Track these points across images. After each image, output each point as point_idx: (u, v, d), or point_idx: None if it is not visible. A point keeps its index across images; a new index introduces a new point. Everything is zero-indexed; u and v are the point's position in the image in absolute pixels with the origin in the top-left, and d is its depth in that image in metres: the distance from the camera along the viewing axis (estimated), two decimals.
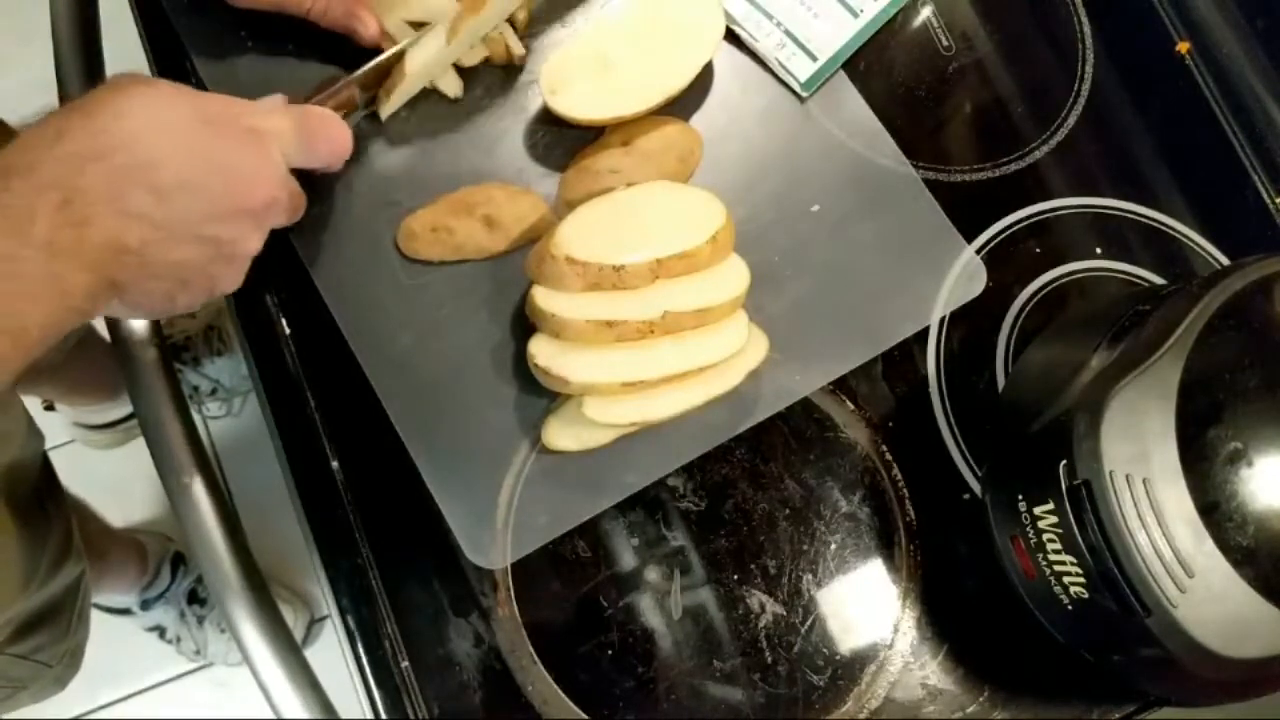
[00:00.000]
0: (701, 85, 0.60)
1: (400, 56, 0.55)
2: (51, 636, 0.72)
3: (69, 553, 0.71)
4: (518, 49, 0.57)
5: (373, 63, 0.54)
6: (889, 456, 0.56)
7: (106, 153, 0.39)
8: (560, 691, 0.51)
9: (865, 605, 0.54)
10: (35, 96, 0.57)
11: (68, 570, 0.71)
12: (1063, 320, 0.58)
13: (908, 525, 0.55)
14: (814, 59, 0.60)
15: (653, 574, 0.53)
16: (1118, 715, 0.53)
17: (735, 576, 0.54)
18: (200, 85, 0.57)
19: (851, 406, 0.57)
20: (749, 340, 0.52)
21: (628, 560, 0.53)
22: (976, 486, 0.56)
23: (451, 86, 0.57)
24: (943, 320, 0.58)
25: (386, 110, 0.56)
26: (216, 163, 0.42)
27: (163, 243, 0.41)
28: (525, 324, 0.54)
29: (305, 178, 0.51)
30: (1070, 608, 0.45)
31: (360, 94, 0.55)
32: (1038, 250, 0.60)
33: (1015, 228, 0.61)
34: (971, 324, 0.58)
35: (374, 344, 0.54)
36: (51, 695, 0.78)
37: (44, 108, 0.42)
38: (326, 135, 0.48)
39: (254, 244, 0.46)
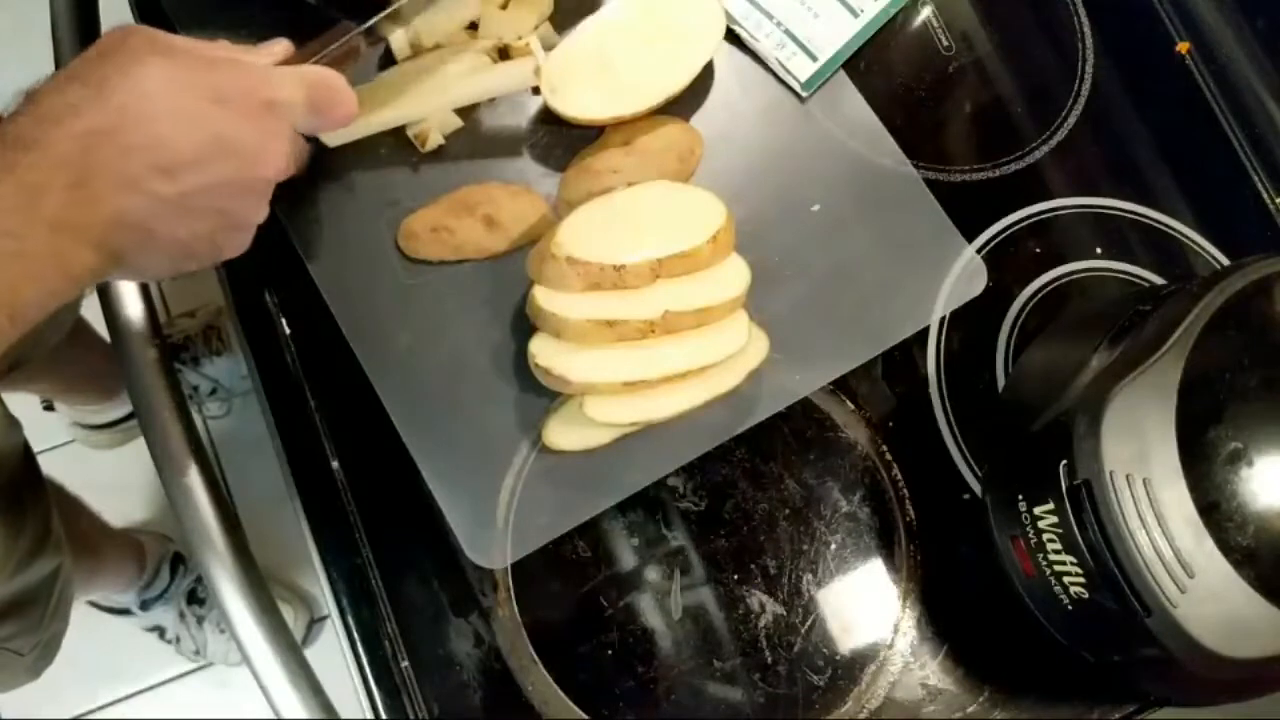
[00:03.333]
0: (702, 85, 0.60)
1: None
2: (24, 626, 0.72)
3: (46, 544, 0.71)
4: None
5: (383, 14, 0.53)
6: (889, 456, 0.56)
7: (119, 131, 0.39)
8: (560, 691, 0.51)
9: (865, 605, 0.54)
10: None
11: (44, 562, 0.71)
12: (1063, 320, 0.58)
13: (908, 525, 0.55)
14: (814, 59, 0.60)
15: (653, 574, 0.53)
16: (1118, 715, 0.53)
17: (735, 576, 0.54)
18: None
19: (851, 406, 0.57)
20: (749, 340, 0.52)
21: (628, 560, 0.53)
22: (976, 486, 0.56)
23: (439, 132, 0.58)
24: (943, 320, 0.58)
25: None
26: (228, 141, 0.42)
27: (170, 219, 0.41)
28: (526, 324, 0.53)
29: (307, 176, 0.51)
30: (1070, 608, 0.44)
31: (366, 43, 0.53)
32: (1038, 250, 0.60)
33: (1015, 228, 0.61)
34: (971, 324, 0.58)
35: (374, 344, 0.54)
36: (23, 684, 0.78)
37: None
38: (337, 101, 0.48)
39: (261, 213, 0.46)
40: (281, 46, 0.49)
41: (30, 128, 0.38)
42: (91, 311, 0.91)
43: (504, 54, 0.57)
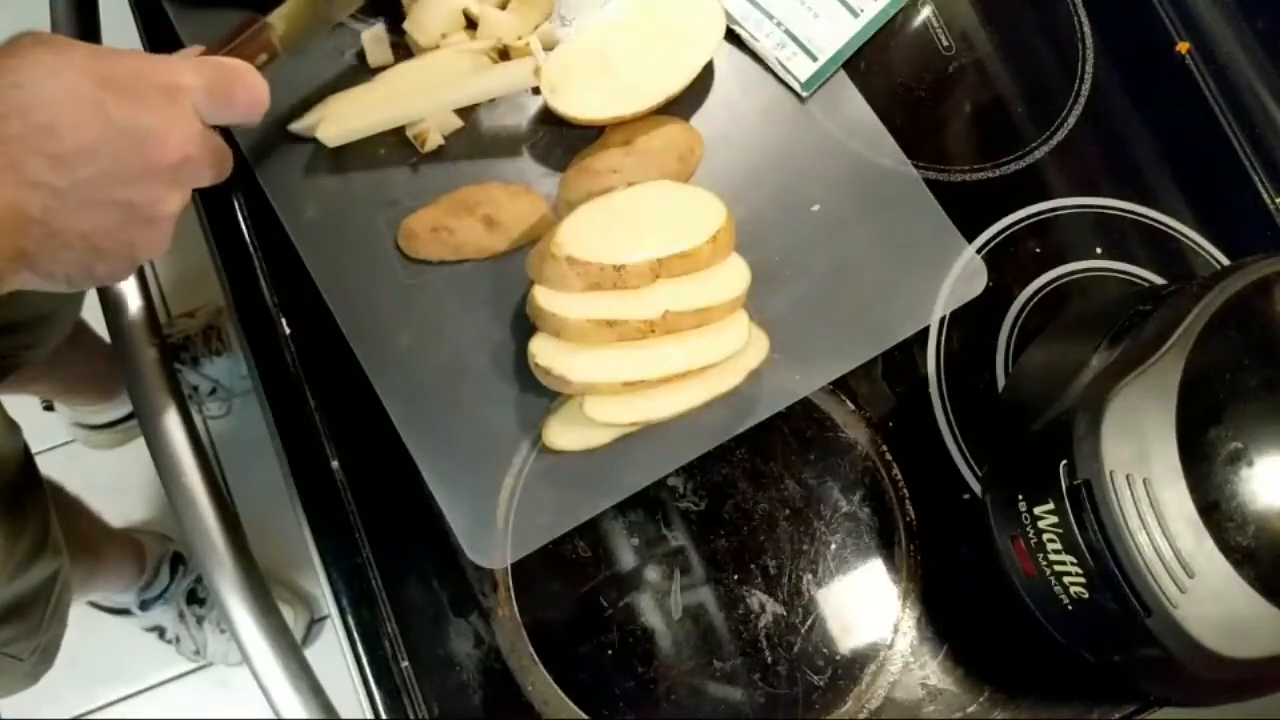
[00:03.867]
0: (702, 85, 0.60)
1: None
2: (23, 631, 0.72)
3: (45, 548, 0.71)
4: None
5: (288, 3, 0.50)
6: (889, 456, 0.56)
7: (3, 120, 0.37)
8: (560, 691, 0.51)
9: (865, 605, 0.54)
10: None
11: (43, 566, 0.71)
12: (1063, 320, 0.58)
13: (908, 525, 0.55)
14: (814, 59, 0.60)
15: (653, 574, 0.53)
16: (1118, 715, 0.53)
17: (735, 576, 0.54)
18: None
19: (851, 406, 0.57)
20: (749, 340, 0.52)
21: (628, 560, 0.53)
22: (976, 486, 0.56)
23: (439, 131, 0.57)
24: (943, 320, 0.58)
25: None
26: (119, 124, 0.40)
27: (68, 210, 0.39)
28: (526, 324, 0.53)
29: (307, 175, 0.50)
30: (1070, 608, 0.44)
31: (280, 36, 0.50)
32: (1038, 250, 0.60)
33: (1015, 228, 0.61)
34: (971, 324, 0.58)
35: (374, 344, 0.54)
36: (22, 689, 0.78)
37: None
38: (242, 87, 0.45)
39: (172, 204, 0.44)
40: (192, 49, 0.47)
41: None
42: (91, 312, 0.92)
43: (504, 54, 0.57)
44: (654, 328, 0.50)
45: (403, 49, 0.58)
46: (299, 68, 0.58)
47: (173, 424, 0.52)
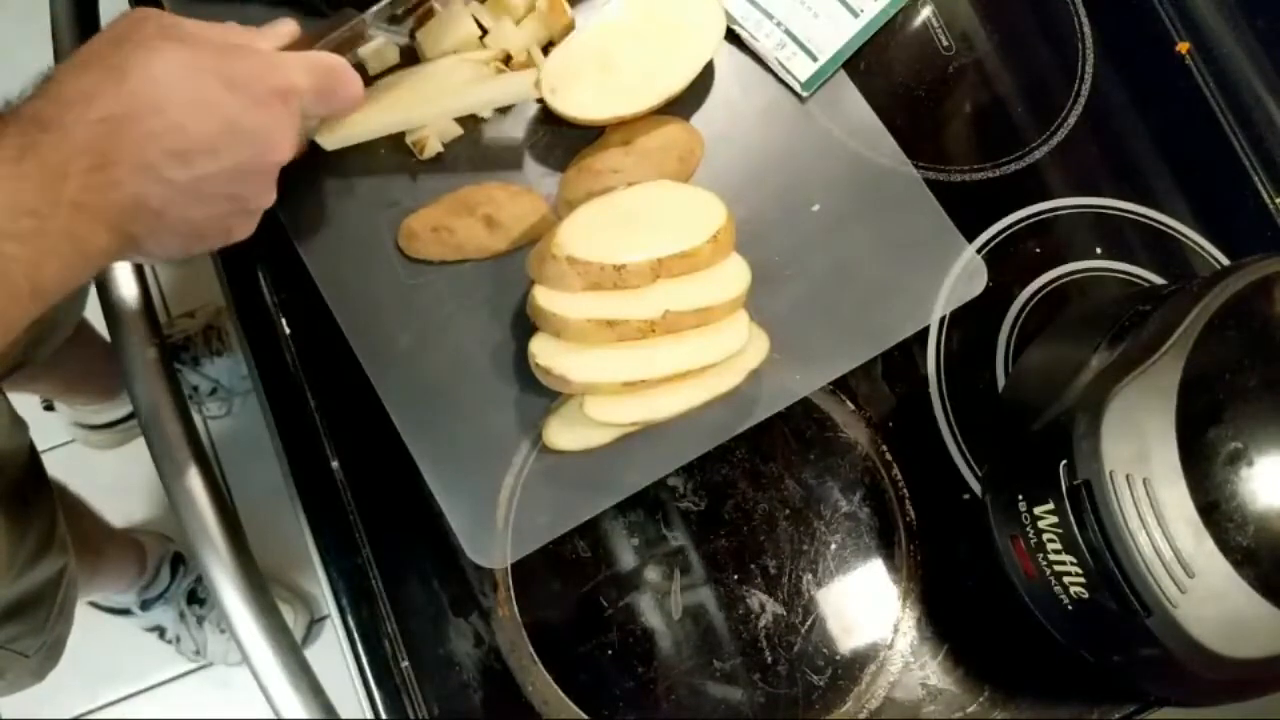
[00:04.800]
0: (702, 85, 0.60)
1: None
2: (29, 627, 0.72)
3: (51, 546, 0.71)
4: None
5: (383, 2, 0.53)
6: (889, 456, 0.56)
7: (136, 117, 0.40)
8: (560, 691, 0.51)
9: (865, 605, 0.54)
10: None
11: (49, 563, 0.71)
12: (1063, 320, 0.58)
13: (908, 525, 0.55)
14: (814, 59, 0.60)
15: (653, 574, 0.53)
16: (1118, 715, 0.53)
17: (735, 576, 0.54)
18: None
19: (851, 406, 0.57)
20: (750, 340, 0.52)
21: (628, 560, 0.53)
22: (976, 486, 0.56)
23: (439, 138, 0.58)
24: (943, 320, 0.58)
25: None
26: (241, 127, 0.43)
27: (184, 202, 0.42)
28: (526, 323, 0.53)
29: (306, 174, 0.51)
30: (1070, 608, 0.44)
31: (369, 30, 0.53)
32: (1038, 250, 0.60)
33: (1015, 228, 0.61)
34: (971, 324, 0.58)
35: (375, 344, 0.54)
36: (28, 686, 0.78)
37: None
38: (343, 85, 0.49)
39: (270, 197, 0.47)
40: (288, 28, 0.50)
41: (49, 109, 0.39)
42: (92, 312, 0.92)
43: (506, 63, 0.58)
44: (654, 327, 0.50)
45: (407, 55, 0.58)
46: None
47: (173, 424, 0.52)
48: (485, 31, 0.58)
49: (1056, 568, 0.44)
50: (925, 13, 0.65)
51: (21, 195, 0.37)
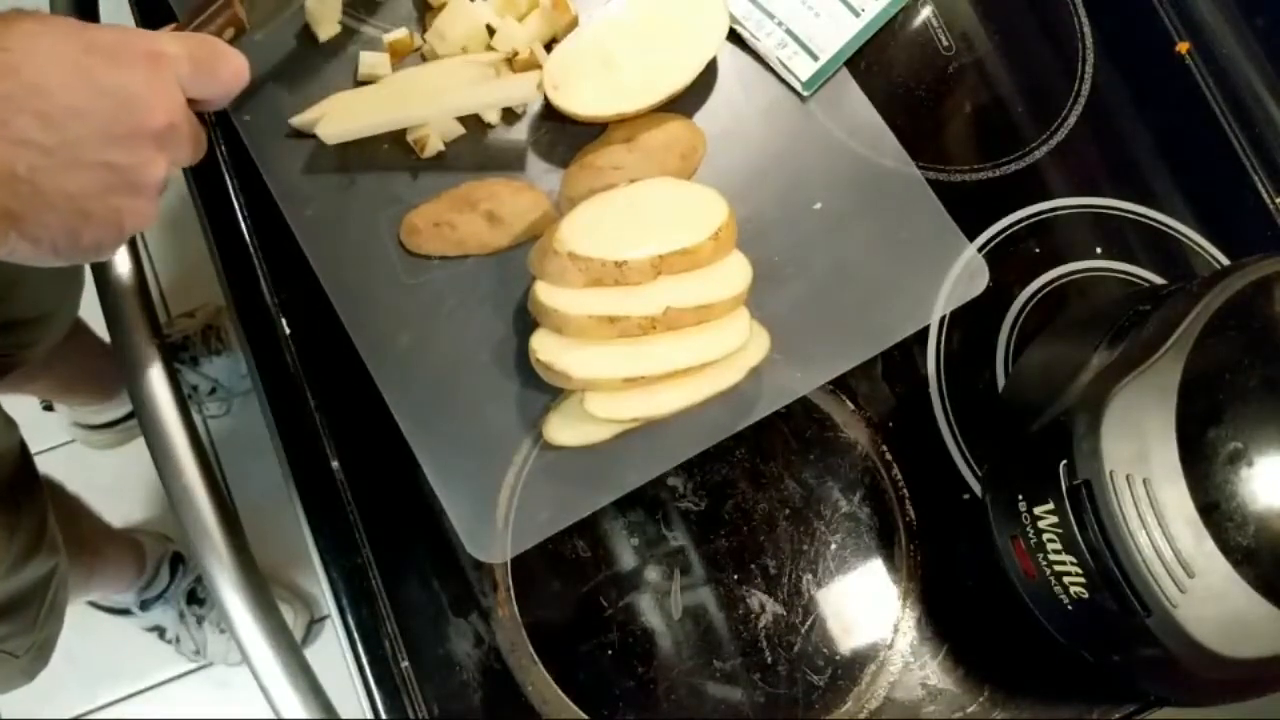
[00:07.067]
0: (705, 83, 0.60)
1: None
2: (18, 627, 0.72)
3: (41, 545, 0.71)
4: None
5: None
6: (889, 456, 0.56)
7: None
8: (560, 691, 0.51)
9: (865, 605, 0.54)
10: None
11: (39, 563, 0.71)
12: (1063, 320, 0.58)
13: (908, 525, 0.55)
14: (815, 58, 0.60)
15: (653, 574, 0.53)
16: (1118, 715, 0.53)
17: (735, 576, 0.54)
18: None
19: (851, 406, 0.57)
20: (750, 337, 0.52)
21: (628, 560, 0.53)
22: (976, 486, 0.56)
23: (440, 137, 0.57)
24: (943, 320, 0.58)
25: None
26: (108, 86, 0.41)
27: (55, 169, 0.40)
28: (527, 319, 0.54)
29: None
30: (1070, 608, 0.44)
31: (245, 14, 0.50)
32: (1038, 250, 0.60)
33: (1015, 228, 0.61)
34: (971, 324, 0.58)
35: (376, 339, 0.54)
36: (18, 687, 0.78)
37: None
38: (224, 59, 0.46)
39: (158, 171, 0.44)
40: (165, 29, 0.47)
41: None
42: (91, 311, 0.91)
43: (511, 63, 0.58)
44: (655, 324, 0.50)
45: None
46: (307, 63, 0.58)
47: (173, 424, 0.52)
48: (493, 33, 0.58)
49: (1056, 568, 0.44)
50: (926, 12, 0.65)
51: None
